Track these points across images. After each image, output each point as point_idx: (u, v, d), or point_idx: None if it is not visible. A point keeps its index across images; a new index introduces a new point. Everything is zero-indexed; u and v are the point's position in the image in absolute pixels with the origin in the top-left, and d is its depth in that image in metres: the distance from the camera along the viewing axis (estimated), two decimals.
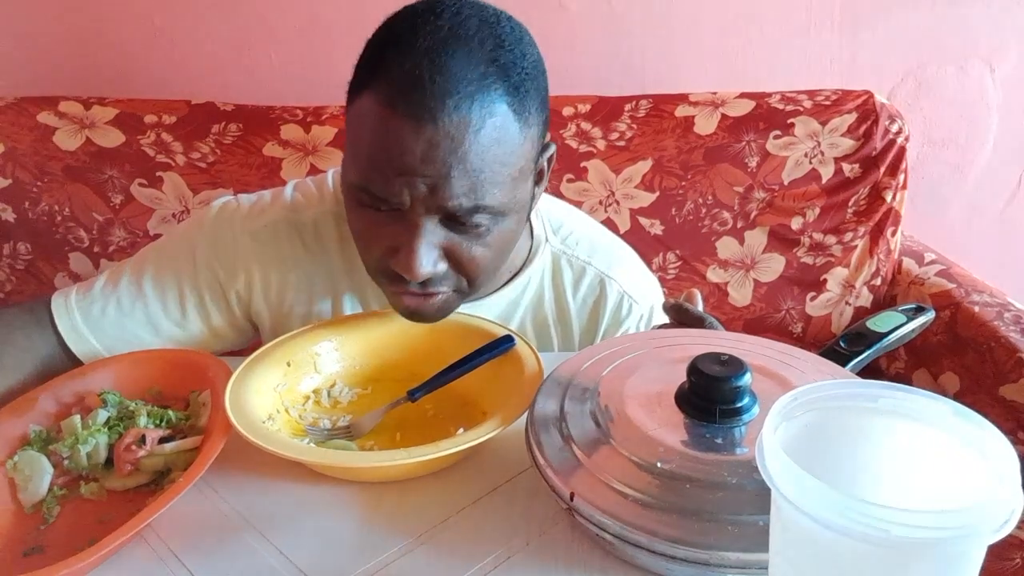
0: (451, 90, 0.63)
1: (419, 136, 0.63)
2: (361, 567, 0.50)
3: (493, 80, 0.65)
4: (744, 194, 1.34)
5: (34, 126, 1.34)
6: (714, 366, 0.52)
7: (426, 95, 0.63)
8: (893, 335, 0.66)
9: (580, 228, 0.93)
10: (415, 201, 0.66)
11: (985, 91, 1.50)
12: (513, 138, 0.67)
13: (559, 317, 0.89)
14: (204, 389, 0.64)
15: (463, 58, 0.64)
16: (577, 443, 0.52)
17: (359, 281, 0.85)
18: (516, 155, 0.68)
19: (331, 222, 0.85)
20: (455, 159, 0.64)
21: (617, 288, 0.89)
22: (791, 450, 0.35)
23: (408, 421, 0.66)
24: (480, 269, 0.72)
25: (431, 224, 0.68)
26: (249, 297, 0.85)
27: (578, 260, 0.89)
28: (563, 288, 0.89)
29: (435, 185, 0.65)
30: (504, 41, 0.67)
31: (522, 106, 0.68)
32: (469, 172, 0.65)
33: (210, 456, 0.53)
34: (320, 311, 0.86)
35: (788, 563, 0.37)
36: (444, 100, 0.63)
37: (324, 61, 1.48)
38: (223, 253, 0.84)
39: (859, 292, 1.38)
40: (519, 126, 0.68)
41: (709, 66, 1.49)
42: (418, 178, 0.65)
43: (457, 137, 0.64)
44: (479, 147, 0.65)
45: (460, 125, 0.64)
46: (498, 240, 0.72)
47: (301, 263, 0.85)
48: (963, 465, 0.37)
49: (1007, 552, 1.01)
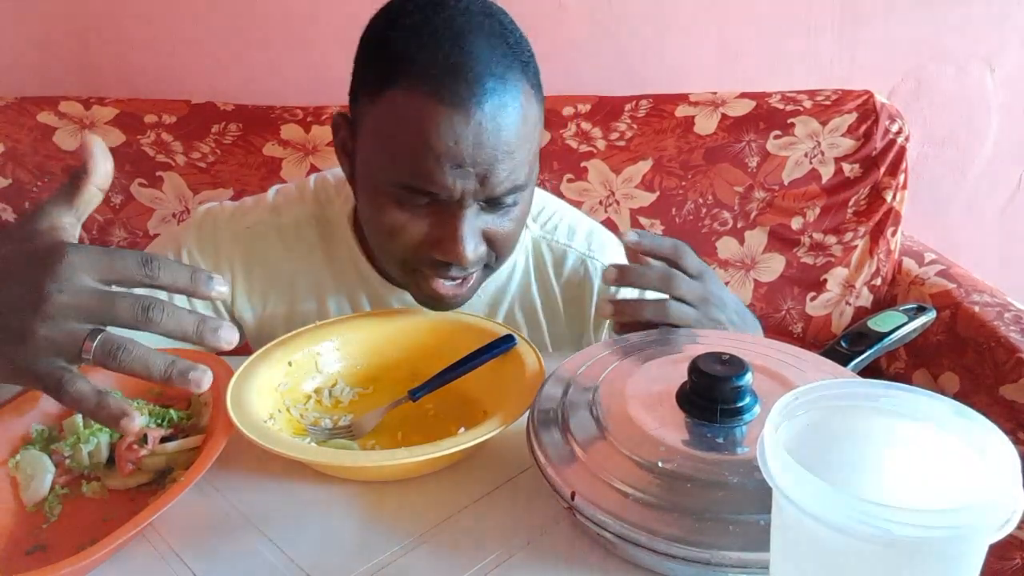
0: (487, 74, 0.64)
1: (468, 124, 0.64)
2: (362, 566, 0.50)
3: (511, 61, 0.67)
4: (744, 194, 1.34)
5: (34, 126, 1.34)
6: (715, 365, 0.52)
7: (468, 82, 0.64)
8: (894, 335, 0.66)
9: (559, 212, 0.93)
10: (465, 192, 0.67)
11: (985, 91, 1.50)
12: (533, 115, 0.70)
13: (546, 303, 0.90)
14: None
15: (485, 43, 0.66)
16: (578, 442, 0.52)
17: (348, 284, 0.86)
18: (536, 131, 0.71)
19: (312, 224, 0.86)
20: (500, 143, 0.66)
21: (599, 267, 0.89)
22: (792, 449, 0.35)
23: (409, 420, 0.66)
24: (511, 244, 0.75)
25: (474, 210, 0.70)
26: (232, 296, 0.86)
27: (559, 244, 0.90)
28: (547, 273, 0.89)
29: (485, 174, 0.67)
30: (505, 24, 0.70)
31: (534, 83, 0.70)
32: (510, 154, 0.67)
33: (212, 455, 0.53)
34: (304, 312, 0.86)
35: (789, 562, 0.37)
36: (484, 85, 0.64)
37: (324, 61, 1.48)
38: (207, 256, 0.85)
39: (859, 292, 1.38)
40: (535, 103, 0.70)
41: (709, 66, 1.49)
42: (470, 168, 0.66)
43: (499, 120, 0.65)
44: (514, 128, 0.67)
45: (500, 108, 0.65)
46: (521, 215, 0.75)
47: (283, 265, 0.86)
48: (963, 465, 0.37)
49: (1007, 552, 1.01)
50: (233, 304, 0.87)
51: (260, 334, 0.87)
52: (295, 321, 0.85)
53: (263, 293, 0.86)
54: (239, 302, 0.86)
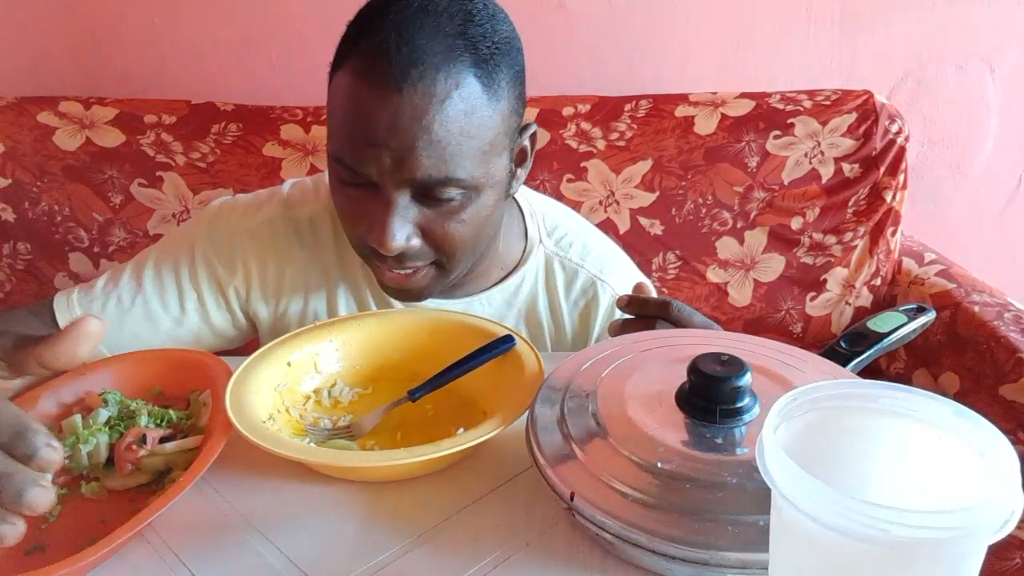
0: (416, 60, 0.65)
1: (385, 106, 0.65)
2: (361, 567, 0.50)
3: (461, 52, 0.66)
4: (744, 194, 1.34)
5: (34, 126, 1.34)
6: (714, 366, 0.52)
7: (392, 65, 0.65)
8: (894, 335, 0.66)
9: (574, 231, 0.93)
10: (384, 174, 0.68)
11: (985, 91, 1.50)
12: (482, 110, 0.69)
13: (553, 319, 0.90)
14: (205, 389, 0.64)
15: (431, 30, 0.66)
16: (577, 443, 0.52)
17: (352, 271, 0.87)
18: (485, 128, 0.69)
19: (327, 218, 0.86)
20: (420, 128, 0.66)
21: (610, 292, 0.89)
22: (791, 450, 0.35)
23: (408, 421, 0.66)
24: (457, 245, 0.74)
25: (403, 199, 0.70)
26: (247, 293, 0.86)
27: (571, 263, 0.89)
28: (556, 290, 0.89)
29: (402, 156, 0.67)
30: (475, 16, 0.69)
31: (491, 79, 0.69)
32: (435, 142, 0.66)
33: (211, 456, 0.53)
34: (316, 306, 0.87)
35: (788, 563, 0.37)
36: (409, 70, 0.65)
37: (324, 61, 1.46)
38: (221, 250, 0.85)
39: (859, 292, 1.38)
40: (487, 98, 0.69)
41: (709, 66, 1.49)
42: (385, 149, 0.66)
43: (422, 106, 0.65)
44: (444, 117, 0.66)
45: (425, 95, 0.65)
46: (474, 216, 0.73)
47: (297, 258, 0.86)
48: (963, 465, 0.37)
49: (1007, 552, 1.01)
50: (248, 299, 0.87)
51: (274, 329, 0.88)
52: (308, 315, 0.87)
53: (277, 287, 0.87)
54: (254, 298, 0.87)
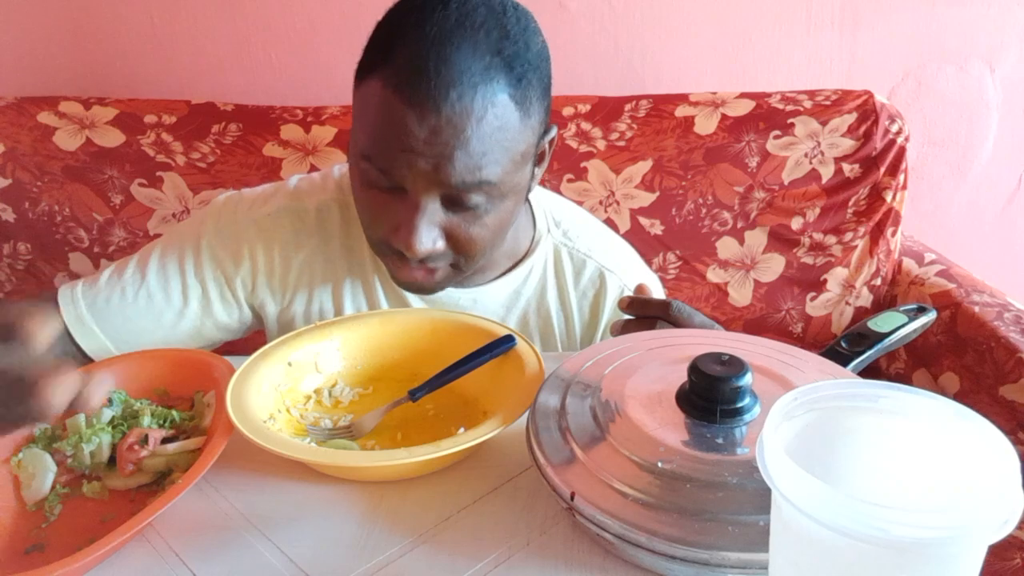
0: (455, 81, 0.65)
1: (423, 123, 0.66)
2: (361, 567, 0.50)
3: (496, 72, 0.67)
4: (744, 194, 1.34)
5: (34, 126, 1.34)
6: (715, 366, 0.52)
7: (431, 85, 0.65)
8: (894, 335, 0.66)
9: (581, 223, 0.94)
10: (417, 179, 0.69)
11: (985, 91, 1.50)
12: (514, 126, 0.70)
13: (562, 309, 0.90)
14: (209, 390, 0.64)
15: (468, 49, 0.66)
16: (578, 443, 0.52)
17: (360, 263, 0.87)
18: (517, 141, 0.71)
19: (334, 209, 0.87)
20: (457, 142, 0.67)
21: (617, 282, 0.89)
22: (792, 450, 0.35)
23: (409, 421, 0.67)
24: (478, 248, 0.76)
25: (432, 204, 0.71)
26: (254, 284, 0.86)
27: (578, 253, 0.90)
28: (564, 279, 0.90)
29: (437, 165, 0.68)
30: (510, 32, 0.69)
31: (524, 97, 0.70)
32: (470, 154, 0.68)
33: (212, 456, 0.53)
34: (322, 296, 0.87)
35: (788, 563, 0.37)
36: (448, 91, 0.65)
37: (324, 61, 1.48)
38: (228, 242, 0.85)
39: (859, 292, 1.38)
40: (520, 115, 0.70)
41: (709, 66, 1.49)
42: (420, 157, 0.67)
43: (459, 124, 0.66)
44: (481, 133, 0.67)
45: (462, 114, 0.66)
46: (495, 221, 0.75)
47: (303, 249, 0.86)
48: (963, 465, 0.37)
49: (1007, 552, 1.01)
50: (254, 291, 0.87)
51: (280, 321, 0.88)
52: (314, 305, 0.87)
53: (283, 279, 0.87)
54: (260, 289, 0.87)
